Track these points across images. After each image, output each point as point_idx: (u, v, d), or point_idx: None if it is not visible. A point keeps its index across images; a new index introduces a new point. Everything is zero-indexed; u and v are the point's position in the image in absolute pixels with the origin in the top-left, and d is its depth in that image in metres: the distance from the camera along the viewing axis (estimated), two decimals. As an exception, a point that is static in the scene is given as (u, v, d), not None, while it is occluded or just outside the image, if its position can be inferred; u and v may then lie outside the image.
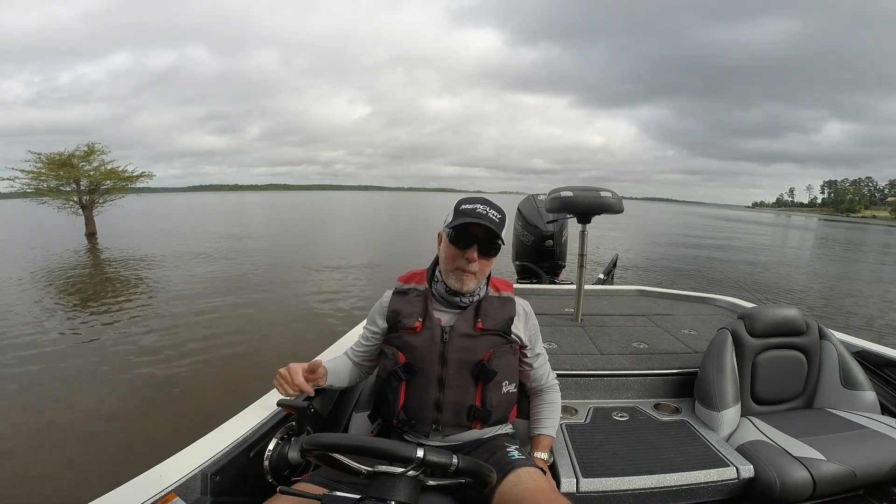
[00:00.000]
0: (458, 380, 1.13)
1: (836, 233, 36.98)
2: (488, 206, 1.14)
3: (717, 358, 1.64)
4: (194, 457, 1.00)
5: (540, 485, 0.97)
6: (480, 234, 1.12)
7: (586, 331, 2.33)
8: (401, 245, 15.17)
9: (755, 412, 1.64)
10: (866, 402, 1.59)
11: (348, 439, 0.84)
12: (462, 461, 0.80)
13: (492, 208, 1.14)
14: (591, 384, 1.80)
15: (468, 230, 1.12)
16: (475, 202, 1.15)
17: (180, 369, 4.22)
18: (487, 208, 1.13)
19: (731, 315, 2.61)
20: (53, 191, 15.13)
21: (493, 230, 1.11)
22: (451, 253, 1.15)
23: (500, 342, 1.17)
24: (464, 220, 1.11)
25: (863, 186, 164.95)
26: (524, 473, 0.99)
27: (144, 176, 17.09)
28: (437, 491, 0.89)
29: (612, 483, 1.27)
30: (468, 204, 1.15)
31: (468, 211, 1.13)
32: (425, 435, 1.14)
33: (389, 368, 1.16)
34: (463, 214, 1.12)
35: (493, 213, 1.13)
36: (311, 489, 0.88)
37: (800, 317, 1.71)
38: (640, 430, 1.55)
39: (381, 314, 1.25)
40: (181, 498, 0.89)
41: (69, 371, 4.14)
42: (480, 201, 1.16)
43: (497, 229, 1.12)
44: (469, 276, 1.14)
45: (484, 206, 1.13)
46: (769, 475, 1.27)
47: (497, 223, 1.12)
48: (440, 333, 1.15)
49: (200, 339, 5.06)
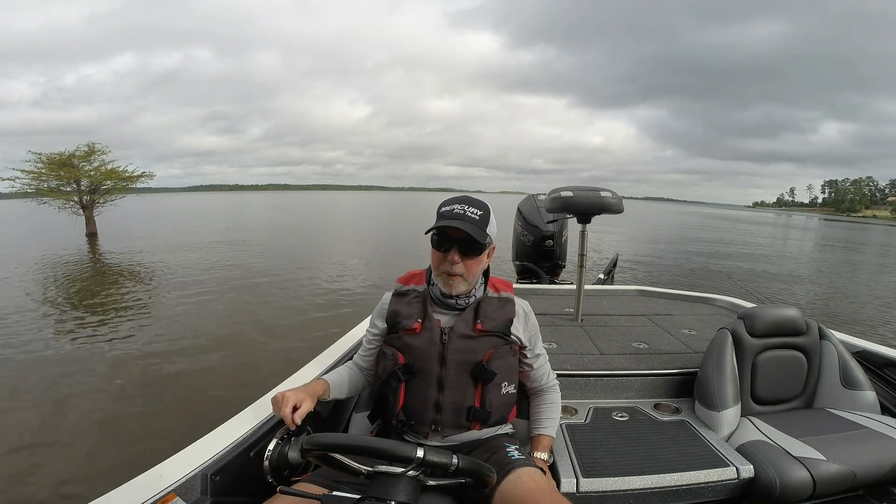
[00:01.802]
0: (458, 381, 1.13)
1: (836, 232, 36.95)
2: (466, 205, 1.12)
3: (717, 358, 1.64)
4: (194, 457, 1.00)
5: (540, 485, 0.97)
6: (459, 234, 1.09)
7: (586, 331, 2.33)
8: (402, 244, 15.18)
9: (755, 412, 1.64)
10: (866, 402, 1.59)
11: (348, 439, 0.84)
12: (462, 461, 0.80)
13: (471, 205, 1.12)
14: (591, 384, 1.81)
15: (446, 233, 1.10)
16: (453, 202, 1.13)
17: (187, 366, 4.23)
18: (466, 207, 1.11)
19: (731, 315, 2.61)
20: (54, 191, 15.14)
21: (470, 230, 1.07)
22: (435, 257, 1.14)
23: (500, 343, 1.17)
24: (440, 223, 1.09)
25: (863, 186, 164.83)
26: (524, 473, 0.99)
27: (145, 176, 17.11)
28: (437, 491, 0.90)
29: (612, 483, 1.27)
30: (447, 205, 1.13)
31: (446, 213, 1.11)
32: (424, 435, 1.14)
33: (389, 369, 1.16)
34: (441, 217, 1.11)
35: (472, 211, 1.10)
36: (311, 489, 0.88)
37: (800, 317, 1.71)
38: (640, 430, 1.55)
39: (381, 316, 1.25)
40: (181, 498, 0.89)
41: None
42: (459, 200, 1.13)
43: (477, 227, 1.09)
44: (456, 278, 1.13)
45: (462, 206, 1.11)
46: (769, 475, 1.27)
47: (476, 220, 1.10)
48: (439, 334, 1.14)
49: (211, 339, 5.07)
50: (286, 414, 1.02)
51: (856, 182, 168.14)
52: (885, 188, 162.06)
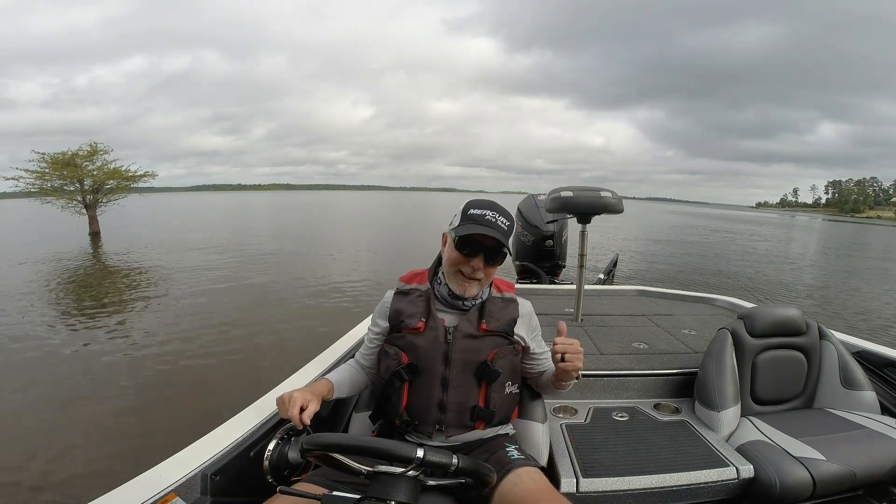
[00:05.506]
0: (462, 380, 1.13)
1: (840, 232, 36.79)
2: (497, 213, 1.11)
3: (716, 358, 1.64)
4: (194, 457, 1.00)
5: (540, 485, 0.97)
6: (488, 242, 1.10)
7: (586, 331, 2.33)
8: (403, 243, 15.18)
9: (755, 412, 1.64)
10: (866, 402, 1.59)
11: (348, 439, 0.84)
12: (462, 461, 0.80)
13: (501, 215, 1.12)
14: (591, 384, 1.81)
15: (474, 238, 1.10)
16: (484, 207, 1.13)
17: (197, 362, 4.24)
18: (497, 216, 1.11)
19: (731, 315, 2.61)
20: (57, 190, 15.21)
21: (501, 240, 1.09)
22: (455, 258, 1.13)
23: (504, 343, 1.17)
24: (472, 229, 1.09)
25: (867, 187, 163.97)
26: (524, 473, 0.99)
27: (147, 176, 17.17)
28: (437, 491, 0.90)
29: (611, 483, 1.27)
30: (477, 209, 1.12)
31: (477, 217, 1.11)
32: (428, 436, 1.14)
33: (392, 369, 1.15)
34: (471, 220, 1.11)
35: (502, 221, 1.11)
36: (311, 489, 0.88)
37: (800, 317, 1.71)
38: (640, 430, 1.55)
39: (383, 314, 1.24)
40: (181, 498, 0.90)
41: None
42: (490, 206, 1.13)
43: (505, 238, 1.10)
44: (473, 283, 1.14)
45: (493, 213, 1.11)
46: (769, 475, 1.27)
47: (505, 231, 1.11)
48: (444, 334, 1.14)
49: (219, 340, 5.08)
50: (294, 414, 1.02)
51: (859, 183, 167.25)
52: (889, 188, 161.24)
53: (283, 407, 1.06)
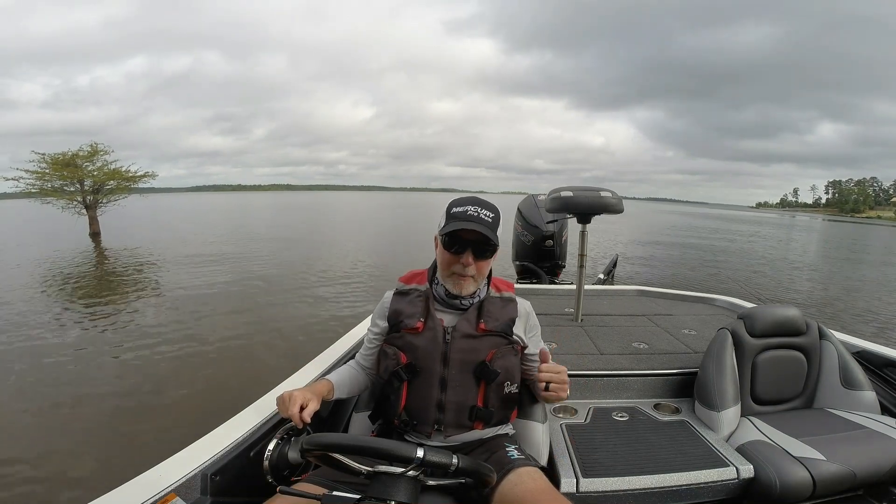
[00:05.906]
0: (461, 380, 1.13)
1: (841, 232, 36.79)
2: (480, 207, 1.12)
3: (716, 358, 1.64)
4: (194, 457, 1.00)
5: (540, 485, 0.97)
6: (473, 237, 1.10)
7: (586, 331, 2.33)
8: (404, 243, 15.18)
9: (755, 412, 1.64)
10: (866, 402, 1.59)
11: (348, 439, 0.84)
12: (462, 461, 0.80)
13: (484, 208, 1.12)
14: (591, 384, 1.81)
15: (459, 235, 1.10)
16: (466, 203, 1.13)
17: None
18: (479, 209, 1.11)
19: (731, 315, 2.61)
20: (57, 191, 15.21)
21: (485, 233, 1.08)
22: (446, 258, 1.14)
23: (502, 343, 1.17)
24: (455, 225, 1.09)
25: (867, 187, 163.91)
26: (524, 473, 0.99)
27: (147, 176, 17.18)
28: (437, 491, 0.90)
29: (611, 483, 1.27)
30: (459, 206, 1.13)
31: (459, 214, 1.11)
32: (427, 435, 1.14)
33: (391, 369, 1.15)
34: (454, 218, 1.11)
35: (486, 214, 1.11)
36: (311, 489, 0.88)
37: (800, 317, 1.71)
38: (640, 430, 1.55)
39: (382, 315, 1.25)
40: (181, 498, 0.90)
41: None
42: (471, 202, 1.14)
43: (490, 230, 1.10)
44: (467, 279, 1.14)
45: (475, 207, 1.11)
46: (769, 475, 1.27)
47: (490, 223, 1.10)
48: (442, 334, 1.14)
49: (223, 338, 5.08)
50: (294, 413, 1.03)
51: (860, 183, 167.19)
52: (889, 188, 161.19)
53: (284, 405, 1.06)
